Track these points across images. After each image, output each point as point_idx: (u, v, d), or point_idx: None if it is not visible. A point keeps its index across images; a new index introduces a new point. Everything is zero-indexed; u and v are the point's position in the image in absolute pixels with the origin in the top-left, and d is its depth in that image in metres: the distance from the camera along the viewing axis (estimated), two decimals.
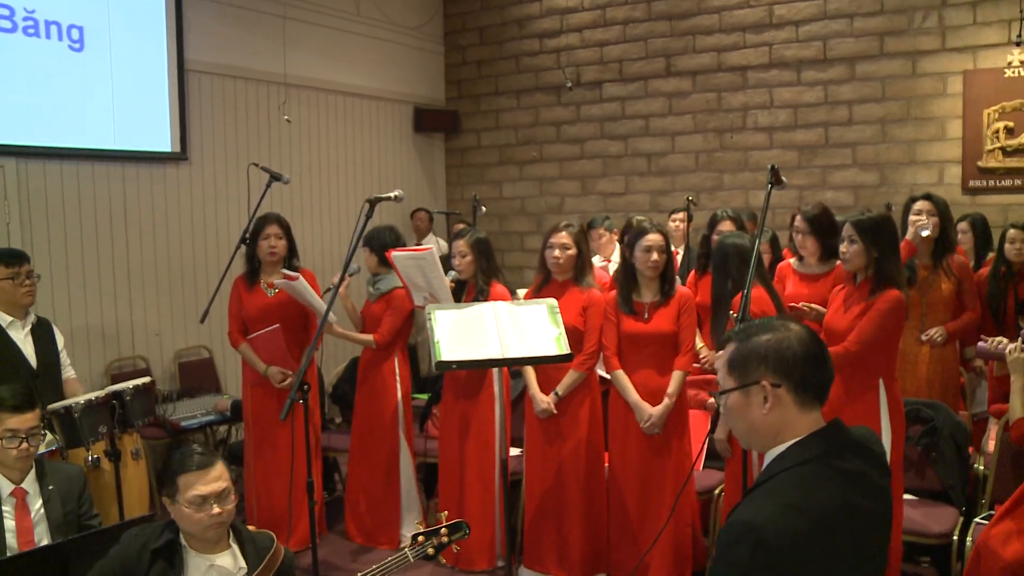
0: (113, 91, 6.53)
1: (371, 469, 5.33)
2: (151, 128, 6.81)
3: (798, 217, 4.71)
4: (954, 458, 4.37)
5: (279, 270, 5.08)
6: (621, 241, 5.32)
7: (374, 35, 8.87)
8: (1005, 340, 3.80)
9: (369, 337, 5.21)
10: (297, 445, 4.79)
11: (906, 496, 4.12)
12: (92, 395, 4.10)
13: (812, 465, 1.87)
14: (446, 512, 3.46)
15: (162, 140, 6.89)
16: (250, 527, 3.05)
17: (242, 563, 2.87)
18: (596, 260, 6.23)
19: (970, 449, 4.37)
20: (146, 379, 4.39)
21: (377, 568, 3.05)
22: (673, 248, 4.68)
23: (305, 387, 3.79)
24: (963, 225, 5.95)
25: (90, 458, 4.26)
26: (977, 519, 4.06)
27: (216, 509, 2.78)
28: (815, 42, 7.93)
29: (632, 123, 8.85)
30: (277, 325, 5.01)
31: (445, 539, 3.28)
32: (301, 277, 4.85)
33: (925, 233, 4.50)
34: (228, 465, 2.91)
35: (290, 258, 5.24)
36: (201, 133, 7.17)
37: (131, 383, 4.25)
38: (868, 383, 3.82)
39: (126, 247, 6.63)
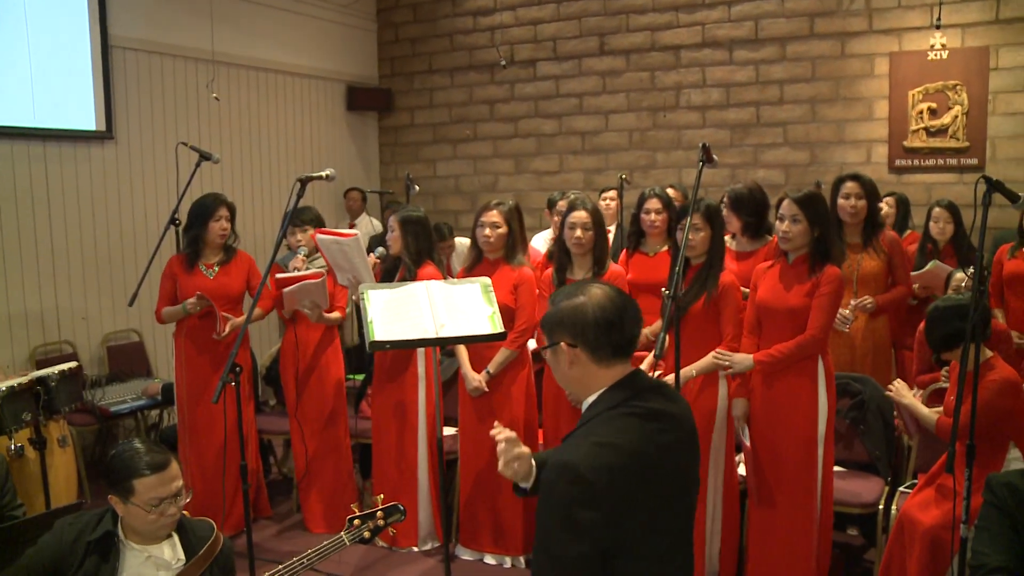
0: (31, 66, 6.30)
1: (321, 452, 5.29)
2: (74, 105, 6.61)
3: (725, 196, 4.78)
4: (880, 430, 4.47)
5: (219, 252, 5.10)
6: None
7: (305, 12, 8.71)
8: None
9: (337, 314, 5.16)
10: (230, 428, 4.72)
11: (835, 468, 4.20)
12: (14, 381, 3.97)
13: (619, 408, 2.09)
14: (382, 495, 3.44)
15: (86, 118, 6.68)
16: (185, 512, 2.99)
17: (180, 554, 2.81)
18: (544, 237, 6.27)
19: (896, 420, 4.48)
20: (72, 364, 4.28)
21: (313, 552, 3.02)
22: (607, 226, 4.70)
23: (237, 369, 3.73)
24: (889, 200, 6.08)
25: (13, 447, 4.14)
26: (901, 488, 4.17)
27: (172, 509, 2.72)
28: (747, 22, 8.01)
29: (566, 101, 8.85)
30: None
31: (381, 522, 3.26)
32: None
33: (845, 329, 4.60)
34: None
35: (228, 239, 5.19)
36: (127, 111, 6.98)
37: (56, 368, 4.14)
38: (809, 359, 3.89)
39: (49, 229, 6.43)
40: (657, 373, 3.81)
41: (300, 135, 8.81)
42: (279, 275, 5.00)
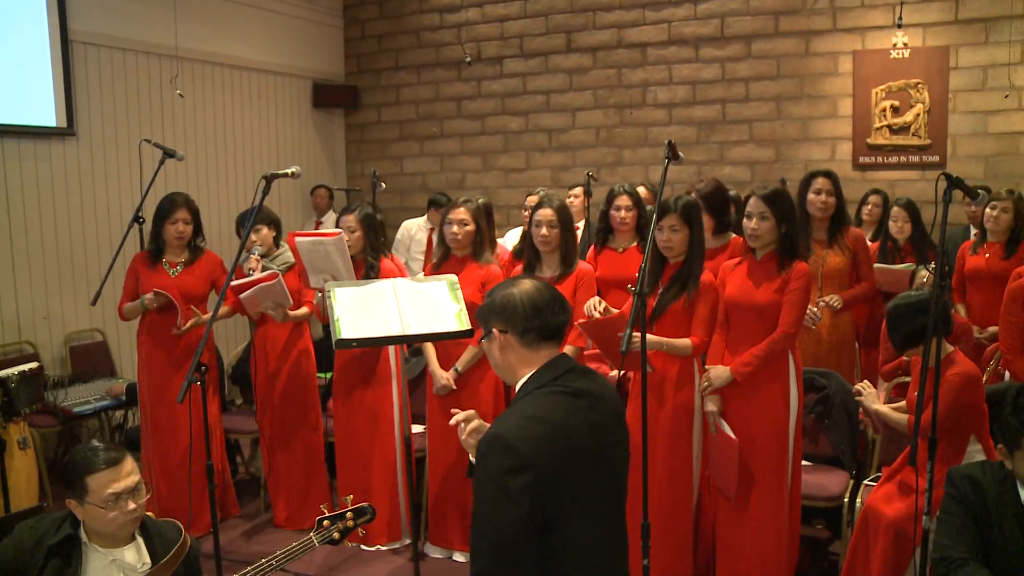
0: None
1: (293, 451, 5.26)
2: (34, 101, 6.50)
3: (693, 194, 4.78)
4: (845, 425, 4.52)
5: (184, 251, 5.07)
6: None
7: (270, 7, 8.64)
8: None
9: (305, 309, 5.11)
10: (196, 428, 4.68)
11: (802, 462, 4.24)
12: None
13: (547, 387, 2.26)
14: (351, 496, 3.42)
15: (47, 114, 6.59)
16: (149, 513, 2.95)
17: (146, 557, 2.77)
18: (517, 233, 6.25)
19: (860, 415, 4.52)
20: (32, 364, 4.24)
21: (281, 553, 3.00)
22: (575, 223, 4.70)
23: (203, 368, 3.68)
24: (875, 199, 6.15)
25: None
26: (866, 481, 4.21)
27: (131, 505, 2.67)
28: (713, 20, 8.05)
29: (533, 99, 8.85)
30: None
31: (351, 523, 3.24)
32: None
33: (813, 327, 4.63)
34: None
35: (194, 238, 5.14)
36: (89, 107, 6.88)
37: (16, 369, 4.09)
38: (781, 356, 3.92)
39: (8, 227, 6.33)
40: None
41: (266, 132, 8.74)
42: (234, 283, 4.85)
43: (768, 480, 3.92)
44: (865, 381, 3.97)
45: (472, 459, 2.42)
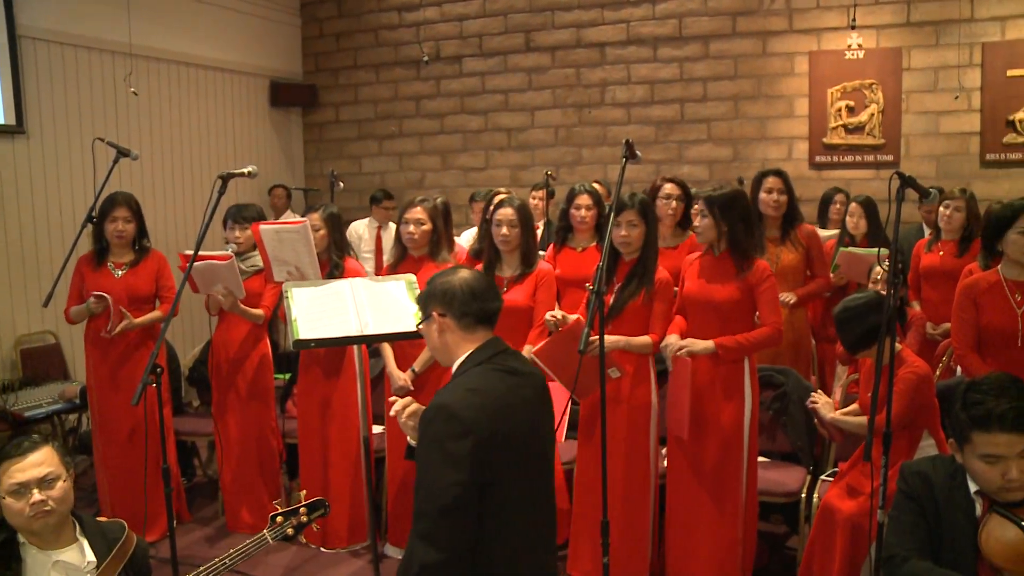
0: None
1: (251, 454, 5.20)
2: None
3: (669, 184, 4.83)
4: (802, 421, 4.56)
5: (128, 251, 4.97)
6: (485, 216, 5.32)
7: (226, 5, 8.55)
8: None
9: (259, 312, 5.05)
10: (151, 430, 4.61)
11: (759, 458, 4.27)
12: None
13: (484, 365, 2.49)
14: (305, 491, 3.39)
15: None
16: (102, 519, 2.89)
17: (91, 556, 2.71)
18: (473, 233, 6.22)
19: (815, 422, 4.55)
20: None
21: (235, 552, 2.95)
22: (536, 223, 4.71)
23: (158, 369, 3.62)
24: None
25: None
26: (823, 477, 4.25)
27: (37, 496, 2.58)
28: (671, 20, 8.10)
29: (492, 98, 8.84)
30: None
31: (304, 518, 3.20)
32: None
33: None
34: (76, 455, 2.74)
35: (139, 238, 5.05)
36: (40, 105, 6.76)
37: None
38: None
39: None
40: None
41: (222, 131, 8.65)
42: (187, 251, 4.88)
43: (722, 477, 3.95)
44: (818, 391, 3.98)
45: (411, 442, 2.65)
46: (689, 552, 4.04)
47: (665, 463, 4.29)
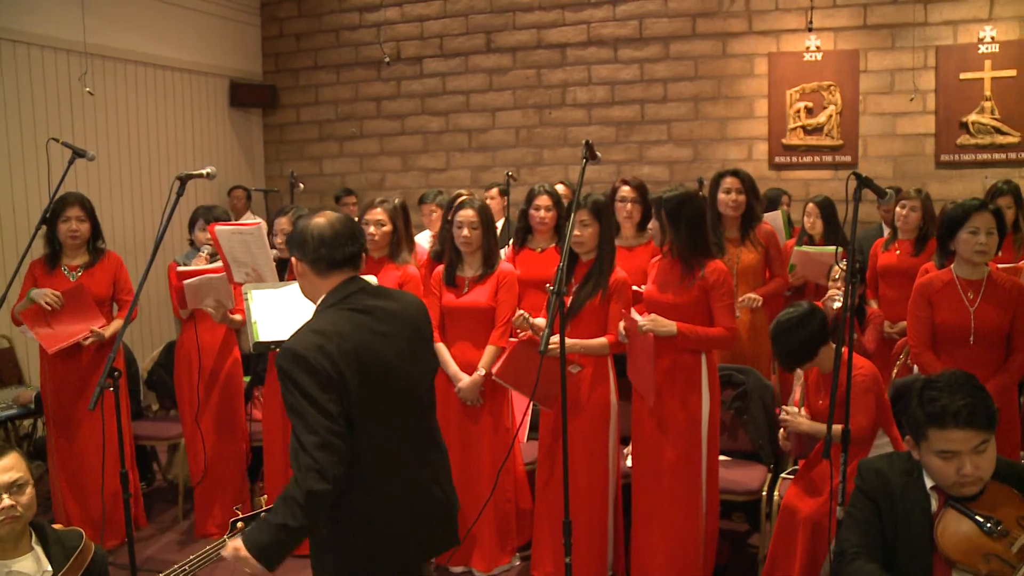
0: None
1: (224, 458, 5.15)
2: None
3: (626, 187, 4.83)
4: (763, 420, 4.59)
5: (82, 253, 4.89)
6: (446, 217, 5.30)
7: (184, 3, 8.44)
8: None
9: (239, 316, 4.97)
10: (109, 435, 4.55)
11: (720, 457, 4.29)
12: None
13: (335, 307, 2.64)
14: (266, 496, 3.36)
15: None
16: (57, 526, 2.84)
17: (46, 566, 2.66)
18: (426, 235, 6.19)
19: (776, 410, 4.59)
20: None
21: (195, 558, 2.92)
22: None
23: (116, 373, 3.57)
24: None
25: None
26: (783, 474, 4.28)
27: (7, 501, 2.55)
28: (631, 21, 8.13)
29: (453, 99, 8.83)
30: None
31: None
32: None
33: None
34: (31, 461, 2.70)
35: (94, 240, 4.98)
36: None
37: None
38: (694, 353, 3.96)
39: None
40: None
41: (181, 132, 8.54)
42: (181, 268, 4.85)
43: (681, 475, 3.96)
44: (786, 405, 3.96)
45: None
46: (651, 551, 4.06)
47: (628, 462, 4.31)
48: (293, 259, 2.74)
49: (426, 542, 2.79)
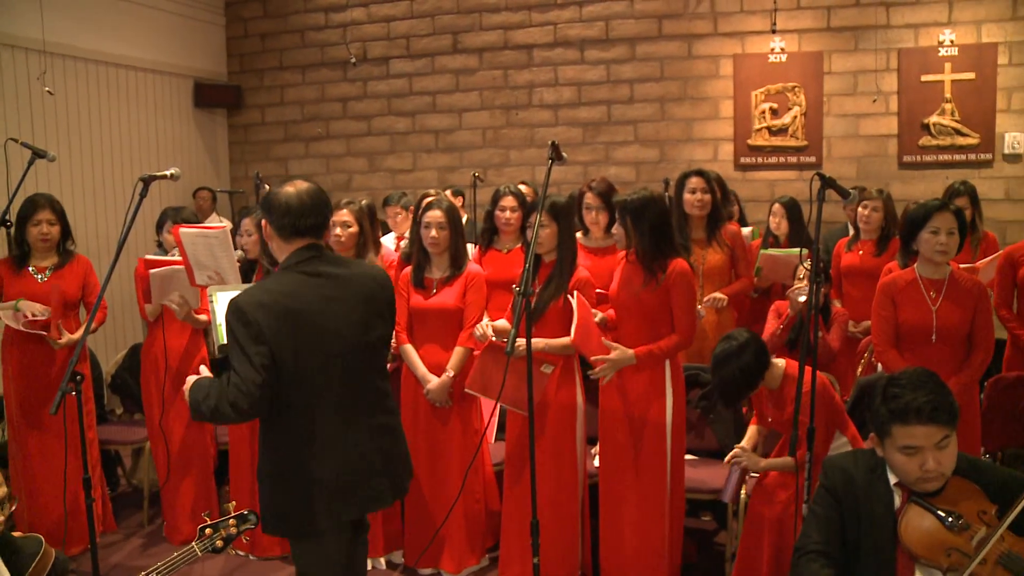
0: None
1: (193, 462, 5.10)
2: None
3: (589, 193, 4.81)
4: (730, 419, 4.62)
5: (52, 255, 4.84)
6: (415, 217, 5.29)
7: (147, 2, 8.35)
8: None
9: (204, 317, 4.93)
10: (72, 440, 4.48)
11: (687, 456, 4.31)
12: None
13: (289, 269, 2.88)
14: (234, 502, 3.33)
15: None
16: (17, 534, 2.80)
17: (6, 574, 2.63)
18: (391, 237, 6.16)
19: (743, 409, 4.62)
20: None
21: (163, 565, 2.90)
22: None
23: (78, 377, 3.51)
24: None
25: None
26: (750, 473, 4.30)
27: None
28: (598, 22, 8.16)
29: (419, 99, 8.81)
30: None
31: (234, 530, 3.15)
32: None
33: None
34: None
35: (63, 242, 4.92)
36: None
37: None
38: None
39: None
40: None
41: (144, 133, 8.45)
42: (148, 256, 4.80)
43: (647, 475, 3.98)
44: (739, 447, 3.89)
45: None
46: (617, 550, 4.07)
47: (595, 463, 4.32)
48: (263, 221, 2.95)
49: (348, 497, 2.92)
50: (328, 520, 2.88)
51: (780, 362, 3.74)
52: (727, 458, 3.85)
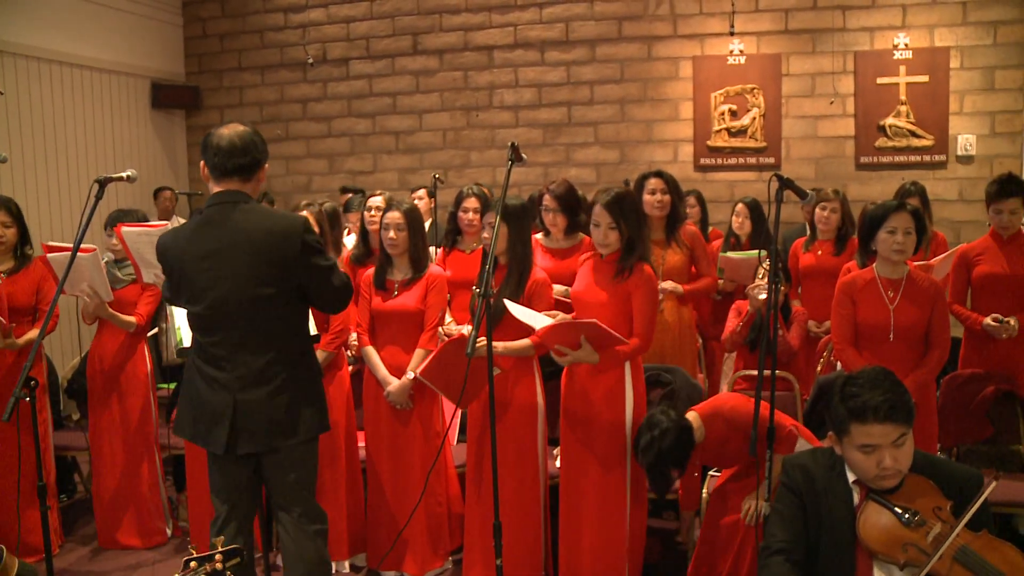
0: None
1: (125, 468, 5.00)
2: None
3: (546, 196, 4.78)
4: None
5: (7, 258, 4.72)
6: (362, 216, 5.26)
7: (104, 1, 8.24)
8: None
9: (131, 319, 4.86)
10: (25, 447, 4.39)
11: None
12: None
13: (203, 211, 3.16)
14: (223, 537, 3.28)
15: None
16: None
17: None
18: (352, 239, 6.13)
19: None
20: None
21: None
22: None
23: (32, 383, 3.44)
24: (691, 199, 6.28)
25: None
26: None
27: None
28: (558, 24, 8.18)
29: (380, 101, 8.78)
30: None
31: (219, 566, 3.07)
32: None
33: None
34: None
35: (22, 245, 4.80)
36: None
37: None
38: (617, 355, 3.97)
39: None
40: None
41: (101, 134, 8.34)
42: (51, 243, 4.77)
43: (607, 476, 3.98)
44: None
45: None
46: (578, 550, 4.07)
47: (557, 463, 4.32)
48: (201, 163, 3.15)
49: (211, 431, 3.22)
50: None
51: (692, 415, 3.75)
52: None
